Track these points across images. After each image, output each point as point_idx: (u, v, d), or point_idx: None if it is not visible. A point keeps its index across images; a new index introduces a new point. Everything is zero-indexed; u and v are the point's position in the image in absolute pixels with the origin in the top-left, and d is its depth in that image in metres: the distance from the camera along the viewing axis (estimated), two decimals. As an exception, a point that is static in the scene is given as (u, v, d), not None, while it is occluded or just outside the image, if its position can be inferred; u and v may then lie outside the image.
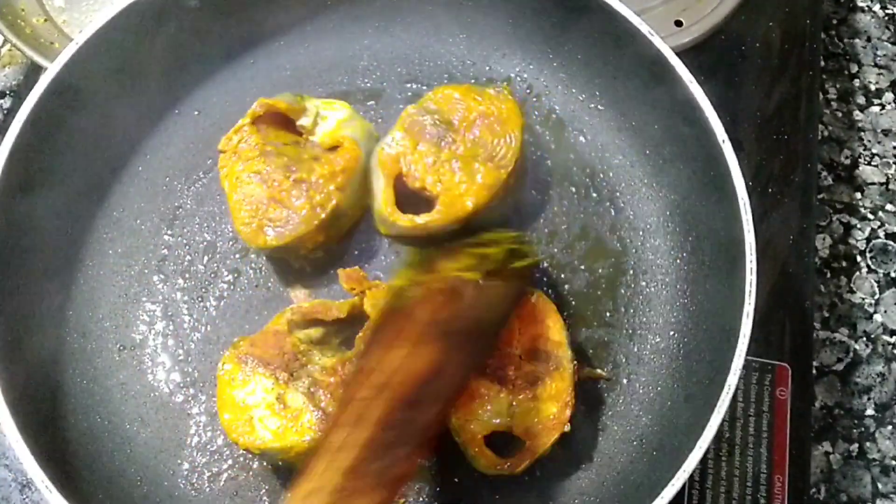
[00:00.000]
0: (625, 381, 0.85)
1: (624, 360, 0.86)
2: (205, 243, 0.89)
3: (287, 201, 0.81)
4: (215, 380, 0.79)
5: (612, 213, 0.92)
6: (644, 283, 0.89)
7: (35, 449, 0.70)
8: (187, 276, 0.88)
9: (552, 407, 0.76)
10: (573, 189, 0.93)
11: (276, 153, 0.84)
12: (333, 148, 0.85)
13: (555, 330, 0.79)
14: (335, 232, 0.86)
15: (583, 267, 0.89)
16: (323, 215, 0.82)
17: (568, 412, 0.76)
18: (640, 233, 0.91)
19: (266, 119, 0.85)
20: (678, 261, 0.89)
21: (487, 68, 0.98)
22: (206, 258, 0.89)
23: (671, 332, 0.86)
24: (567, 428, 0.76)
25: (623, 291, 0.88)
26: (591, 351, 0.86)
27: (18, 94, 1.10)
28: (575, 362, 0.78)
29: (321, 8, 0.97)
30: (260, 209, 0.81)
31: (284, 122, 0.86)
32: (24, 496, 0.88)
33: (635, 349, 0.86)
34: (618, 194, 0.93)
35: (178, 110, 0.94)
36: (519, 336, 0.78)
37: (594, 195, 0.92)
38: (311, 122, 0.86)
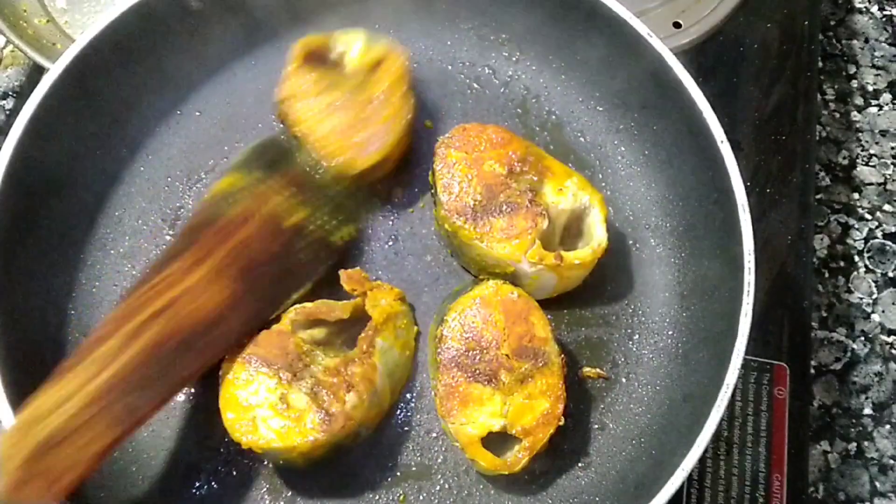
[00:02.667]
0: (623, 380, 0.85)
1: (623, 360, 0.86)
2: (206, 243, 0.90)
3: (370, 120, 0.84)
4: (217, 379, 0.79)
5: (612, 213, 0.92)
6: (643, 283, 0.89)
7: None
8: (189, 276, 0.88)
9: (545, 402, 0.76)
10: (573, 189, 0.93)
11: (335, 84, 0.86)
12: (376, 66, 0.88)
13: (539, 326, 0.79)
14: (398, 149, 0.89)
15: (582, 267, 0.90)
16: (404, 121, 0.85)
17: (561, 406, 0.76)
18: (639, 232, 0.91)
19: (306, 61, 0.88)
20: (677, 260, 0.89)
21: (487, 70, 0.98)
22: (207, 258, 0.89)
23: (670, 332, 0.86)
24: (561, 422, 0.76)
25: (622, 291, 0.89)
26: (590, 351, 0.86)
27: (21, 94, 1.10)
28: (563, 356, 0.78)
29: (321, 8, 0.97)
30: (346, 134, 0.84)
31: (318, 59, 0.89)
32: (27, 495, 0.88)
33: (634, 349, 0.86)
34: (617, 194, 0.93)
35: (179, 111, 0.94)
36: (505, 336, 0.78)
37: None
38: (341, 52, 0.89)
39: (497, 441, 0.77)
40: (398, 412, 0.83)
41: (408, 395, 0.84)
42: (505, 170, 0.83)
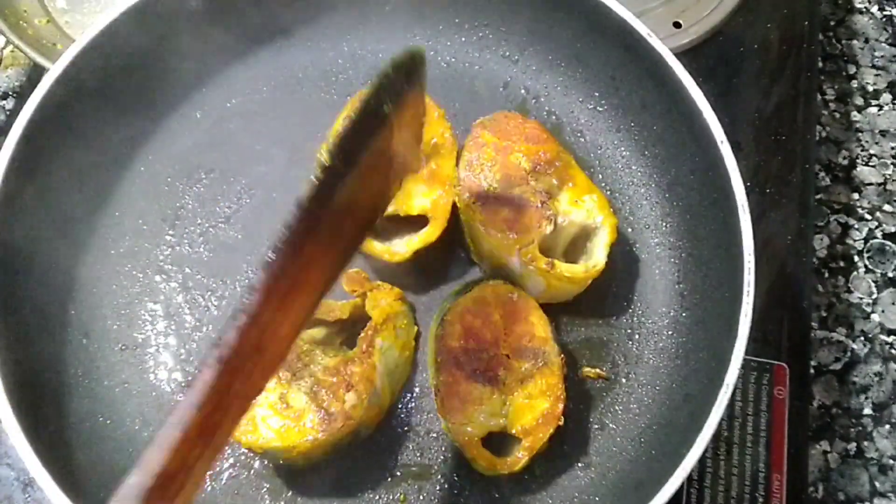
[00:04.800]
0: (624, 380, 0.85)
1: (623, 360, 0.86)
2: (207, 243, 0.90)
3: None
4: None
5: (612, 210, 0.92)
6: (642, 283, 0.89)
7: (38, 448, 0.70)
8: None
9: (544, 402, 0.76)
10: (572, 190, 0.93)
11: None
12: None
13: (539, 326, 0.79)
14: None
15: (582, 267, 0.90)
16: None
17: (560, 406, 0.76)
18: (639, 232, 0.91)
19: None
20: (676, 260, 0.89)
21: (487, 70, 0.98)
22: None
23: (670, 332, 0.86)
24: (561, 422, 0.76)
25: (622, 291, 0.89)
26: (590, 351, 0.86)
27: (21, 95, 1.10)
28: (562, 356, 0.79)
29: (323, 9, 0.97)
30: None
31: None
32: (27, 495, 0.88)
33: (634, 349, 0.86)
34: (617, 194, 0.93)
35: (179, 111, 0.94)
36: (504, 336, 0.78)
37: (593, 196, 0.93)
38: None
39: (497, 441, 0.77)
40: (398, 412, 0.83)
41: (408, 395, 0.84)
42: (530, 166, 0.83)
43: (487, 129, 0.85)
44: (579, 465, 0.82)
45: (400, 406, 0.83)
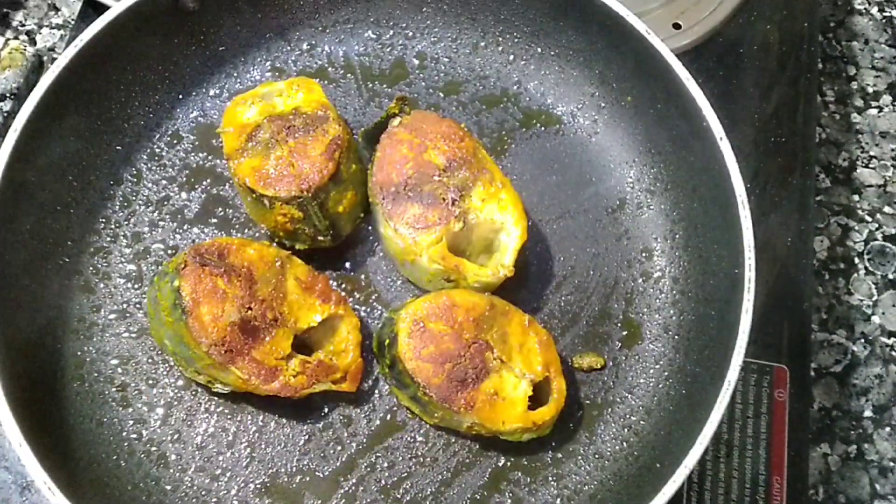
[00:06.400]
0: (625, 378, 0.85)
1: (624, 359, 0.86)
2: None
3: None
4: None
5: (612, 213, 0.92)
6: (643, 281, 0.89)
7: (38, 451, 0.70)
8: (187, 277, 0.88)
9: (531, 337, 0.79)
10: (571, 191, 0.93)
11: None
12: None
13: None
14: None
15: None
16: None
17: (542, 331, 0.80)
18: (639, 232, 0.91)
19: None
20: (677, 259, 0.89)
21: (488, 72, 0.98)
22: (206, 260, 0.89)
23: (671, 331, 0.86)
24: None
25: (623, 289, 0.89)
26: (589, 350, 0.86)
27: (18, 97, 1.10)
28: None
29: (322, 9, 0.97)
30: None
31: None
32: (24, 498, 0.88)
33: (635, 347, 0.86)
34: (617, 193, 0.93)
35: (179, 112, 0.94)
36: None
37: (594, 196, 0.93)
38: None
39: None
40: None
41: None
42: (444, 164, 0.82)
43: (404, 125, 0.84)
44: (581, 463, 0.82)
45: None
